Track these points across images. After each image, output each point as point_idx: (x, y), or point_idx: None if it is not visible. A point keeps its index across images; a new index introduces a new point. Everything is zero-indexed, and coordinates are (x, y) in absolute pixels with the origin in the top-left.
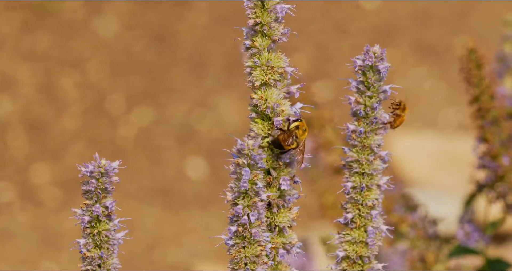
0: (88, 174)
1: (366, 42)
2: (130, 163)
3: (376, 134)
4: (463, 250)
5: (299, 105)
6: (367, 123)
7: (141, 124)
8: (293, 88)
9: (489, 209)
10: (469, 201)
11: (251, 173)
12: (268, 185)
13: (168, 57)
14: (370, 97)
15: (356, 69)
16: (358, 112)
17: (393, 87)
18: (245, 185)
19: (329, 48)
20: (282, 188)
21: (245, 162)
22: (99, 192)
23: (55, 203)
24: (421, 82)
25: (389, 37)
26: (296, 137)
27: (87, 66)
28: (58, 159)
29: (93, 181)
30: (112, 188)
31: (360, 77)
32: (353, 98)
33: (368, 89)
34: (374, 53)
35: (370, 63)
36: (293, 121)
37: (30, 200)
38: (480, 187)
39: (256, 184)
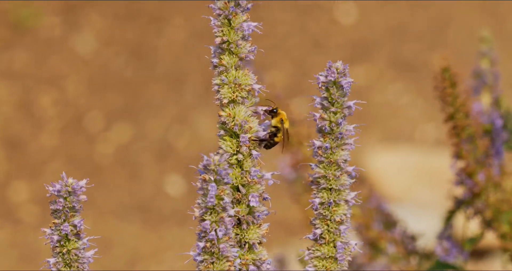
0: (56, 193)
1: (343, 57)
2: (109, 180)
3: (342, 150)
4: (442, 266)
5: (268, 122)
6: (332, 139)
7: (119, 141)
8: (260, 109)
9: (467, 225)
10: (449, 217)
11: (217, 188)
12: (237, 202)
13: (146, 73)
14: (335, 113)
15: (320, 85)
16: (324, 128)
17: (358, 102)
18: (212, 200)
19: (305, 63)
20: (251, 204)
21: (212, 178)
22: (67, 211)
23: (34, 220)
24: (399, 98)
25: (366, 52)
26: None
27: (65, 83)
28: (37, 176)
29: (61, 200)
30: (80, 207)
31: (323, 94)
32: (318, 115)
33: (332, 105)
34: (337, 69)
35: (333, 79)
36: (271, 113)
37: (8, 217)
38: (459, 203)
39: (223, 199)
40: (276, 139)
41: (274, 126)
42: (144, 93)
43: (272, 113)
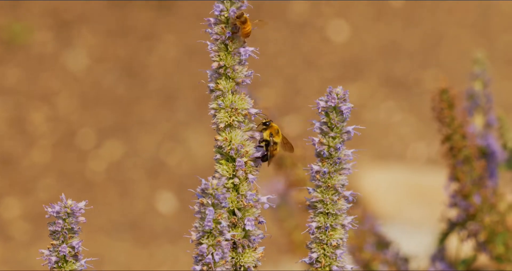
0: (55, 214)
1: (335, 75)
2: (100, 197)
3: (340, 174)
4: None
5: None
6: (331, 164)
7: (111, 158)
8: (257, 135)
9: (460, 247)
10: (442, 239)
11: (215, 212)
12: (233, 225)
13: (138, 90)
14: (334, 138)
15: (320, 110)
16: (322, 153)
17: (357, 127)
18: (209, 224)
19: (298, 81)
20: (247, 228)
21: (209, 202)
22: (65, 232)
23: (26, 237)
24: (391, 116)
25: (358, 71)
26: (275, 143)
27: (57, 99)
28: (28, 193)
29: (60, 221)
30: (79, 228)
31: (323, 118)
32: (316, 139)
33: (332, 130)
34: (337, 95)
35: (333, 104)
36: (264, 125)
37: (0, 234)
38: (452, 225)
39: (220, 223)
40: (274, 152)
41: (265, 140)
42: (136, 110)
43: (264, 126)
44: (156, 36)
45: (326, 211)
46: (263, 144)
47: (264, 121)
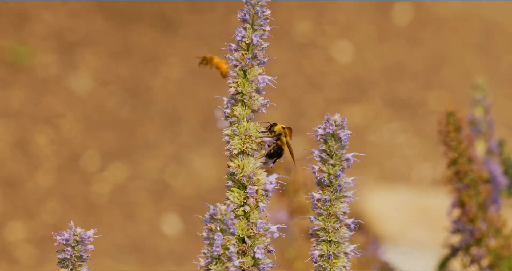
0: (64, 242)
1: (339, 96)
2: (104, 219)
3: (341, 202)
4: None
5: (275, 175)
6: (331, 192)
7: (115, 180)
8: (270, 161)
9: None
10: (443, 264)
11: (223, 238)
12: (243, 253)
13: (142, 112)
14: (333, 165)
15: (318, 138)
16: (322, 180)
17: (356, 155)
18: (217, 249)
19: (302, 103)
20: (256, 256)
21: (218, 227)
22: (74, 260)
23: (30, 261)
24: (395, 137)
25: (362, 91)
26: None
27: (61, 122)
28: (33, 216)
29: (69, 249)
30: (87, 256)
31: (322, 146)
32: (316, 167)
33: (331, 157)
34: (335, 122)
35: (331, 131)
36: (271, 127)
37: (5, 258)
38: (455, 251)
39: (228, 249)
40: (280, 145)
41: (276, 135)
42: (140, 132)
43: (271, 128)
44: (160, 58)
45: (329, 239)
46: (274, 145)
47: (268, 125)
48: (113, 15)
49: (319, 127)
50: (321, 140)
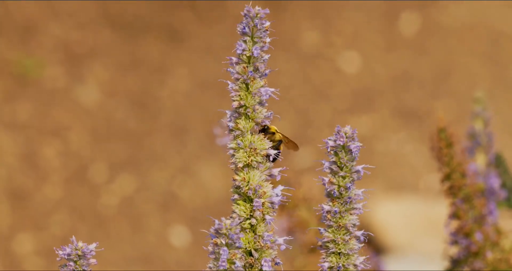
0: (66, 257)
1: (347, 106)
2: (113, 231)
3: (351, 214)
4: None
5: (280, 187)
6: (341, 204)
7: (123, 192)
8: (275, 171)
9: None
10: None
11: (229, 252)
12: (250, 266)
13: (150, 123)
14: (344, 177)
15: (328, 150)
16: (332, 192)
17: (366, 167)
18: (223, 264)
19: (309, 113)
20: (264, 269)
21: (223, 242)
22: None
23: None
24: (402, 147)
25: (369, 101)
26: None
27: (69, 134)
28: (41, 228)
29: (71, 263)
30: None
31: (332, 158)
32: (326, 179)
33: (341, 169)
34: (345, 133)
35: (341, 143)
36: (266, 131)
37: (13, 270)
38: (454, 263)
39: (234, 263)
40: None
41: (278, 141)
42: (147, 143)
43: (266, 131)
44: (167, 69)
45: (338, 251)
46: (276, 144)
47: (261, 127)
48: (120, 27)
49: (329, 139)
50: (332, 152)
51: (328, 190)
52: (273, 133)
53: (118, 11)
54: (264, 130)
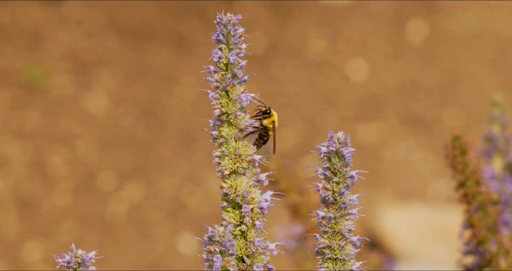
0: (65, 265)
1: (354, 114)
2: (121, 239)
3: (346, 220)
4: None
5: (269, 193)
6: (336, 209)
7: (131, 200)
8: (262, 176)
9: None
10: None
11: (222, 259)
12: None
13: (158, 132)
14: (338, 183)
15: (322, 156)
16: (327, 198)
17: (360, 172)
18: None
19: (317, 121)
20: None
21: (217, 249)
22: None
23: None
24: (410, 154)
25: (377, 109)
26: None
27: (77, 142)
28: (50, 236)
29: None
30: None
31: (326, 164)
32: (320, 185)
33: (335, 175)
34: (338, 139)
35: (334, 149)
36: (265, 114)
37: None
38: None
39: (228, 270)
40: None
41: (265, 127)
42: (155, 151)
43: (266, 114)
44: (175, 77)
45: (334, 257)
46: (263, 131)
47: (264, 109)
48: (127, 35)
49: (322, 145)
50: (325, 158)
51: (323, 196)
52: (270, 116)
53: (126, 19)
54: (265, 113)
